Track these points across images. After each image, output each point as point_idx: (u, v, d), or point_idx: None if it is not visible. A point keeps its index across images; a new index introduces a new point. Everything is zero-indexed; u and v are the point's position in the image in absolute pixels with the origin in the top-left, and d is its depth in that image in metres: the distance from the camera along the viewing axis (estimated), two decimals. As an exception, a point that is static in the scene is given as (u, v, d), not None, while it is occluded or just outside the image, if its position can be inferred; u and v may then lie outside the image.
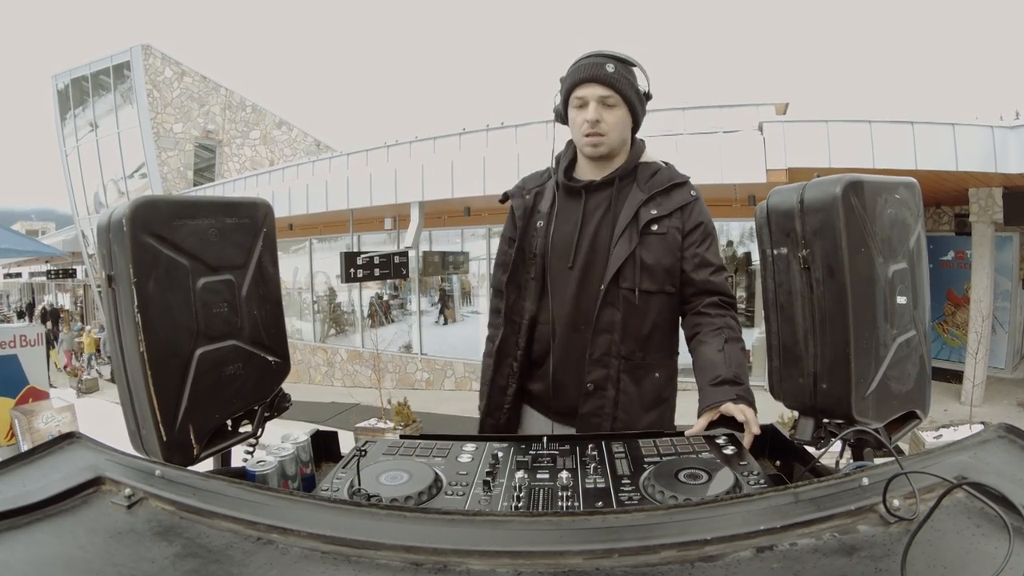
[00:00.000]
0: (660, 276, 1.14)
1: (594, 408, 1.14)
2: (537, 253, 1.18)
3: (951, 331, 7.15)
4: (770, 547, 0.46)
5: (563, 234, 1.17)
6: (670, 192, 1.16)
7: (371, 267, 6.71)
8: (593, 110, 1.12)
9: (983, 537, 0.45)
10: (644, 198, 1.14)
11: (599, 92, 1.12)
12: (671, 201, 1.15)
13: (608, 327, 1.13)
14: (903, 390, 0.80)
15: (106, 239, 0.82)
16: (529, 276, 1.19)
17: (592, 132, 1.13)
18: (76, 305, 19.54)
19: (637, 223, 1.13)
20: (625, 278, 1.12)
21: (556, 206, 1.19)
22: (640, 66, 1.15)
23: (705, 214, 1.18)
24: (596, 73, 1.11)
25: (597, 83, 1.11)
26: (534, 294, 1.19)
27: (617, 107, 1.13)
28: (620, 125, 1.15)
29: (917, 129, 5.20)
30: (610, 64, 1.12)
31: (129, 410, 0.86)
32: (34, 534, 0.53)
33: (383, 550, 0.48)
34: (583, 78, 1.12)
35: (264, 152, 14.75)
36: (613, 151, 1.17)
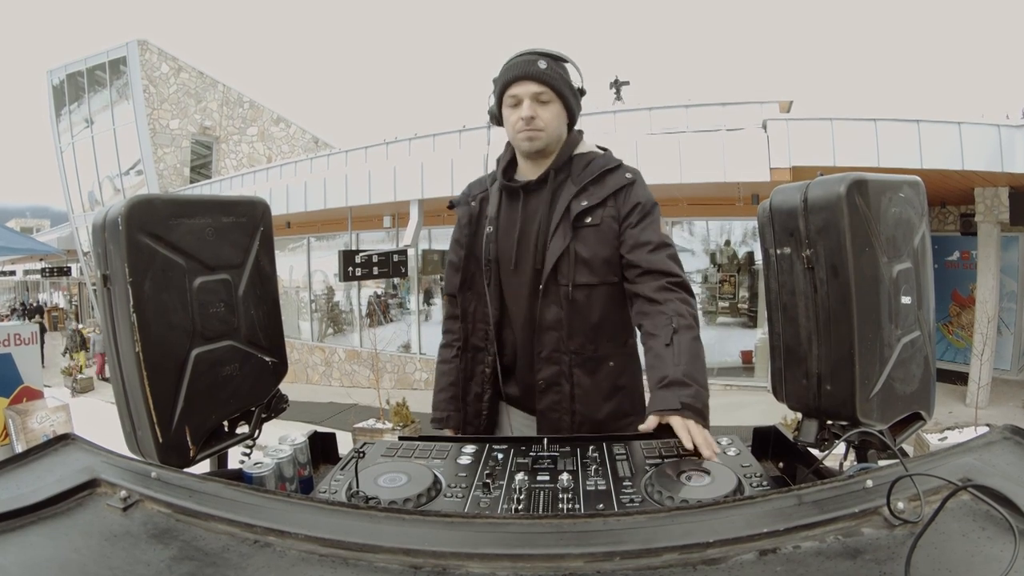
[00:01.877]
0: (600, 268, 1.12)
1: (551, 404, 1.15)
2: (490, 259, 1.19)
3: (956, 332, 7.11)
4: (773, 550, 0.46)
5: (507, 237, 1.19)
6: (602, 179, 1.14)
7: (370, 266, 6.70)
8: (527, 107, 1.12)
9: (988, 540, 0.45)
10: (575, 191, 1.14)
11: (532, 89, 1.12)
12: (603, 188, 1.13)
13: (553, 324, 1.13)
14: (907, 391, 0.79)
15: (102, 238, 0.81)
16: (486, 282, 1.20)
17: (527, 128, 1.13)
18: (71, 303, 19.45)
19: (569, 217, 1.12)
20: (562, 274, 1.11)
21: (501, 210, 1.20)
22: (572, 62, 1.15)
23: (642, 194, 1.14)
24: (528, 70, 1.11)
25: (530, 80, 1.11)
26: (494, 299, 1.19)
27: (551, 103, 1.13)
28: (555, 120, 1.14)
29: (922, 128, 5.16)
30: (542, 61, 1.12)
31: (125, 411, 0.85)
32: (28, 537, 0.53)
33: (382, 553, 0.48)
34: (516, 76, 1.12)
35: (262, 149, 14.69)
36: (549, 146, 1.16)
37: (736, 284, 7.42)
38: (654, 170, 5.70)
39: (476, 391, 1.23)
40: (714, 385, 6.92)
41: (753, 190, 5.94)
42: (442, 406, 1.29)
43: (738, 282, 7.41)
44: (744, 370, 7.11)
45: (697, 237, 7.66)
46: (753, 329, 7.16)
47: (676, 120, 6.35)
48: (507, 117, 1.16)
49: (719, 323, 7.46)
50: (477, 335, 1.22)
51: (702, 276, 7.55)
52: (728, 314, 7.44)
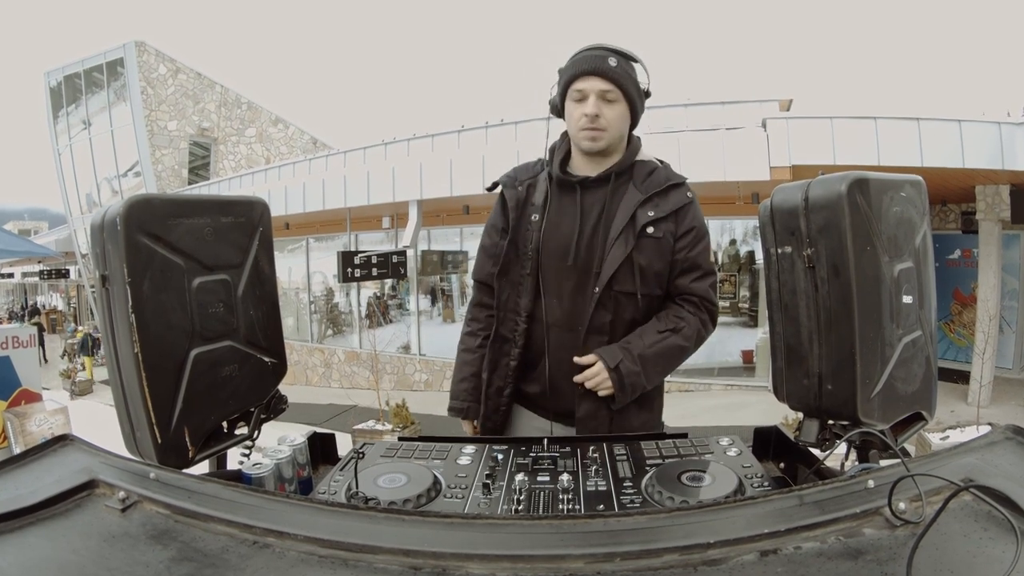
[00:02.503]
0: (651, 280, 1.13)
1: (590, 411, 1.12)
2: (532, 248, 1.15)
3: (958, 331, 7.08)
4: (774, 551, 0.46)
5: (559, 230, 1.15)
6: (667, 193, 1.14)
7: (369, 267, 6.70)
8: (593, 104, 1.09)
9: (990, 540, 0.45)
10: (641, 199, 1.12)
11: (600, 86, 1.09)
12: (668, 203, 1.13)
13: (600, 328, 1.12)
14: (909, 391, 0.79)
15: (100, 238, 0.81)
16: (524, 272, 1.16)
17: (591, 127, 1.11)
18: (69, 306, 19.42)
19: (634, 225, 1.10)
20: (619, 281, 1.10)
21: (550, 201, 1.16)
22: (642, 62, 1.13)
23: (699, 217, 1.16)
24: (598, 66, 1.09)
25: (598, 76, 1.09)
26: (530, 291, 1.15)
27: (617, 102, 1.11)
28: (619, 121, 1.13)
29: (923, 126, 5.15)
30: (612, 58, 1.09)
31: (123, 412, 0.85)
32: (27, 538, 0.52)
33: (381, 554, 0.47)
34: (584, 70, 1.10)
35: (260, 150, 14.68)
36: (611, 147, 1.14)
37: (737, 283, 7.39)
38: (653, 170, 5.69)
39: (498, 384, 1.19)
40: (715, 385, 6.91)
41: (753, 189, 5.93)
42: (463, 396, 1.25)
43: (739, 281, 7.38)
44: (745, 370, 7.10)
45: (697, 237, 7.66)
46: (754, 329, 7.14)
47: (675, 119, 6.36)
48: (570, 111, 1.14)
49: (720, 323, 7.45)
50: (507, 325, 1.18)
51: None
52: (729, 314, 7.43)
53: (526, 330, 1.17)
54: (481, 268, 1.26)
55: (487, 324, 1.24)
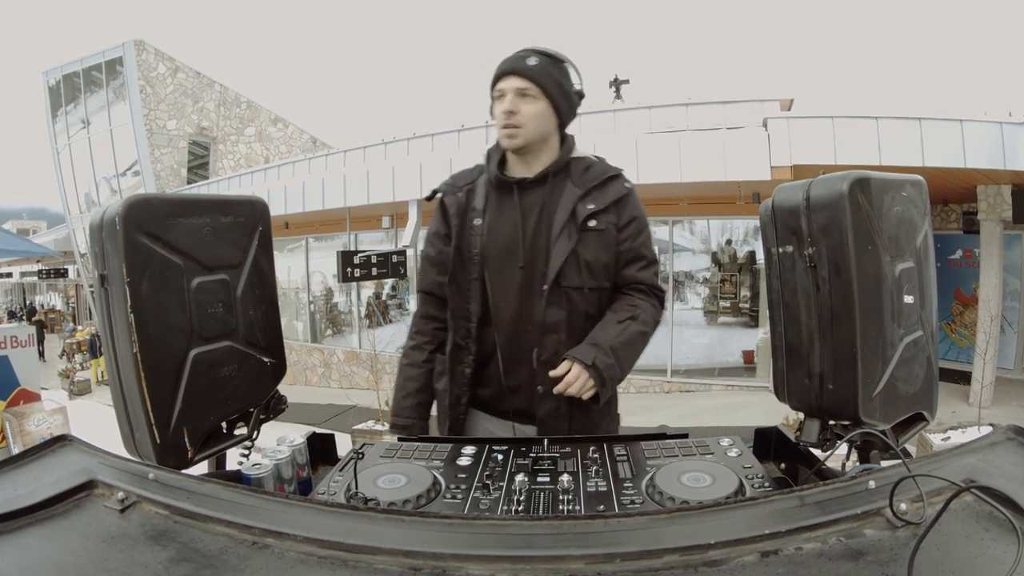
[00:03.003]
0: (599, 272, 1.14)
1: (550, 411, 1.13)
2: (476, 252, 1.15)
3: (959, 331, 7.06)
4: (775, 551, 0.46)
5: (501, 233, 1.15)
6: (605, 186, 1.15)
7: (368, 266, 6.68)
8: (509, 101, 1.11)
9: (992, 541, 0.45)
10: (580, 193, 1.13)
11: (517, 84, 1.11)
12: (607, 195, 1.14)
13: (554, 327, 1.12)
14: (910, 391, 0.79)
15: (99, 238, 0.81)
16: (471, 277, 1.16)
17: (507, 123, 1.12)
18: (68, 305, 19.39)
19: (575, 220, 1.11)
20: (567, 276, 1.11)
21: (490, 204, 1.17)
22: (570, 62, 1.14)
23: (639, 207, 1.18)
24: (515, 65, 1.11)
25: (515, 75, 1.11)
26: (478, 296, 1.15)
27: (536, 99, 1.11)
28: (538, 118, 1.12)
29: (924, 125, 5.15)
30: (532, 58, 1.11)
31: (122, 412, 0.85)
32: (25, 538, 0.52)
33: (381, 554, 0.47)
34: (503, 70, 1.12)
35: (259, 149, 14.67)
36: (530, 144, 1.14)
37: (737, 284, 7.38)
38: (654, 169, 5.69)
39: (456, 393, 1.18)
40: (715, 385, 6.90)
41: (754, 189, 5.93)
42: (407, 412, 1.22)
43: (739, 281, 7.37)
44: (745, 370, 7.10)
45: (698, 236, 7.64)
46: (754, 329, 7.13)
47: (676, 119, 6.36)
48: (493, 110, 1.15)
49: (720, 323, 7.44)
50: (459, 333, 1.18)
51: (703, 276, 7.54)
52: (729, 314, 7.43)
53: (478, 335, 1.17)
54: (426, 278, 1.25)
55: (433, 337, 1.24)
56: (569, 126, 1.20)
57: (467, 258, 1.16)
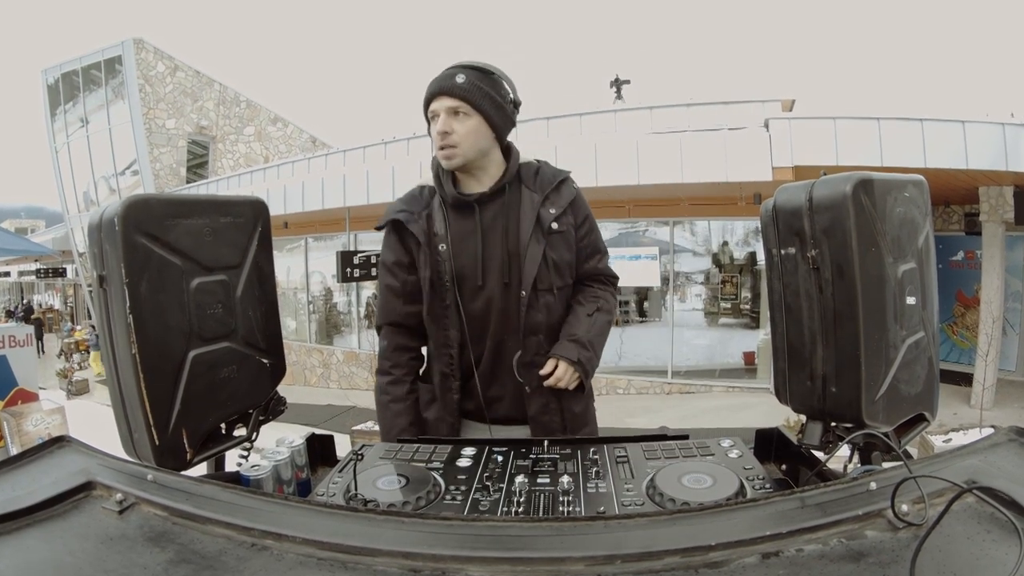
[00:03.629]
0: (565, 271, 1.20)
1: (541, 407, 1.17)
2: (448, 279, 1.15)
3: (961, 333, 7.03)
4: (776, 553, 0.46)
5: (468, 252, 1.16)
6: (559, 189, 1.20)
7: (368, 267, 6.67)
8: (442, 122, 1.12)
9: (994, 543, 0.44)
10: (540, 199, 1.17)
11: (447, 103, 1.11)
12: (562, 198, 1.19)
13: (535, 329, 1.16)
14: (912, 392, 0.79)
15: (97, 238, 0.81)
16: (445, 303, 1.16)
17: (444, 144, 1.13)
18: (66, 305, 19.35)
19: (541, 225, 1.15)
20: (541, 280, 1.16)
21: (450, 225, 1.17)
22: (500, 73, 1.15)
23: (587, 205, 1.25)
24: (443, 85, 1.11)
25: (445, 95, 1.11)
26: (456, 321, 1.16)
27: (469, 116, 1.12)
28: (472, 135, 1.13)
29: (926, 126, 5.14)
30: (460, 75, 1.11)
31: (121, 413, 0.84)
32: (23, 540, 0.52)
33: (380, 556, 0.47)
34: (432, 92, 1.13)
35: (259, 149, 14.65)
36: (469, 161, 1.15)
37: (738, 285, 7.35)
38: (655, 170, 5.68)
39: (449, 421, 1.18)
40: (716, 387, 6.90)
41: (755, 190, 5.92)
42: None
43: (740, 283, 7.33)
44: (746, 371, 7.07)
45: (699, 237, 7.63)
46: (755, 330, 7.10)
47: (677, 119, 6.34)
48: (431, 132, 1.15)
49: (721, 324, 7.41)
50: (442, 361, 1.18)
51: (703, 276, 7.52)
52: (730, 315, 7.40)
53: (459, 359, 1.18)
54: (391, 311, 1.22)
55: (410, 368, 1.23)
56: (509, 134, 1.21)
57: (437, 286, 1.16)
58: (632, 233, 7.42)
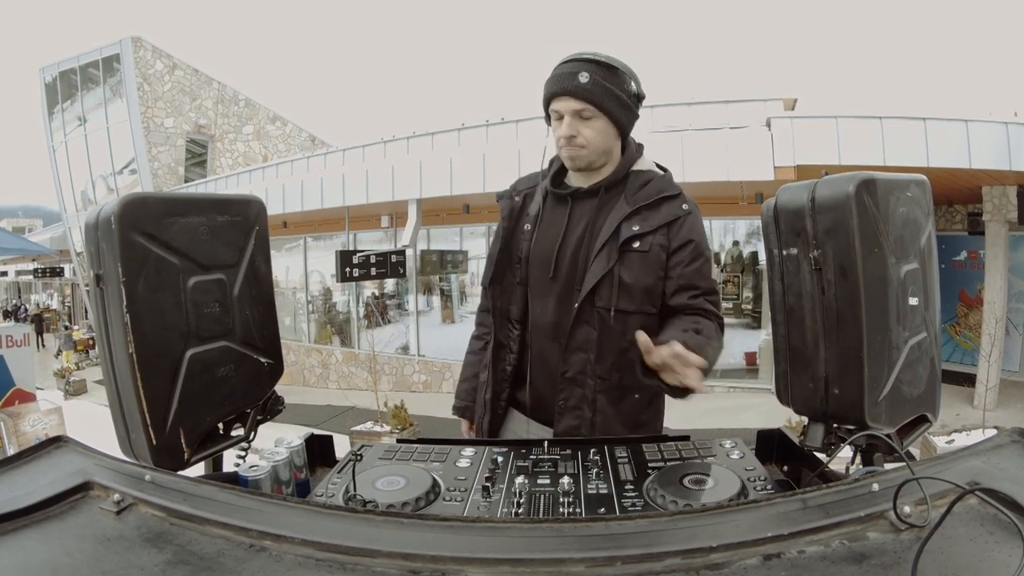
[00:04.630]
0: (639, 296, 1.07)
1: (569, 428, 1.10)
2: (522, 257, 1.16)
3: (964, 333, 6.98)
4: (777, 555, 0.46)
5: (545, 242, 1.15)
6: (658, 206, 1.09)
7: (367, 266, 6.67)
8: (567, 125, 1.07)
9: (996, 544, 0.44)
10: (628, 212, 1.08)
11: (573, 106, 1.05)
12: (657, 216, 1.08)
13: (583, 345, 1.09)
14: (915, 393, 0.79)
15: (94, 237, 0.80)
16: (514, 280, 1.17)
17: (571, 146, 1.09)
18: (63, 305, 19.31)
19: (617, 239, 1.06)
20: (601, 296, 1.07)
21: (543, 211, 1.17)
22: (623, 67, 1.07)
23: (698, 231, 1.11)
24: (567, 85, 1.05)
25: (569, 96, 1.05)
26: (520, 299, 1.17)
27: (594, 119, 1.07)
28: (599, 136, 1.08)
29: (929, 125, 5.11)
30: (583, 73, 1.04)
31: (118, 413, 0.84)
32: (20, 541, 0.52)
33: (379, 557, 0.47)
34: (555, 92, 1.07)
35: (257, 147, 14.64)
36: (596, 161, 1.12)
37: (740, 285, 7.30)
38: (656, 169, 5.66)
39: (496, 389, 1.20)
40: (717, 387, 6.89)
41: (757, 189, 5.91)
42: (463, 395, 1.32)
43: (741, 283, 7.29)
44: (748, 372, 7.05)
45: (700, 236, 7.61)
46: (757, 330, 7.07)
47: (679, 118, 6.32)
48: (553, 129, 1.12)
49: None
50: (503, 332, 1.20)
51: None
52: (731, 315, 7.35)
53: (520, 337, 1.18)
54: (486, 274, 1.25)
55: (491, 329, 1.25)
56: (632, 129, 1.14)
57: (513, 261, 1.18)
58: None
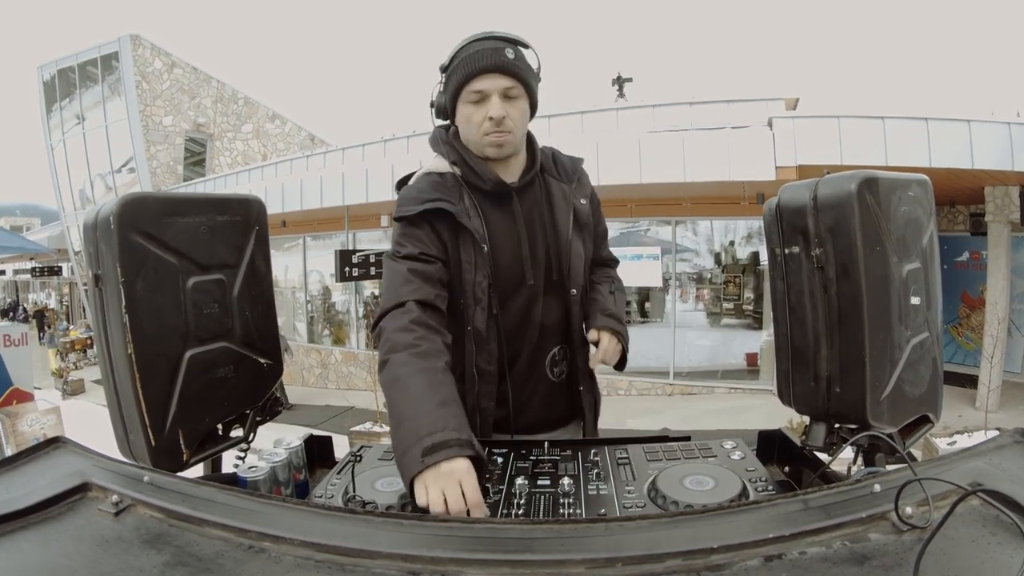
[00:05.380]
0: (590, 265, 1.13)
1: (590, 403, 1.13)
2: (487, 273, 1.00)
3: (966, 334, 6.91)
4: (778, 556, 0.45)
5: (510, 249, 1.03)
6: (581, 177, 1.12)
7: (367, 266, 6.65)
8: (498, 105, 0.94)
9: (998, 545, 0.44)
10: (568, 189, 1.07)
11: (503, 84, 0.94)
12: (584, 187, 1.10)
13: (580, 327, 1.09)
14: (916, 393, 0.79)
15: (93, 237, 0.80)
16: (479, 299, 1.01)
17: (497, 130, 0.96)
18: (61, 304, 19.27)
19: (579, 218, 1.06)
20: (585, 276, 1.09)
21: (486, 219, 1.01)
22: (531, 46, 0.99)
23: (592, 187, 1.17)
24: (498, 61, 0.93)
25: (499, 73, 0.94)
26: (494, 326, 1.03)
27: (520, 99, 0.97)
28: (523, 119, 0.99)
29: (931, 125, 5.08)
30: (508, 49, 0.95)
31: (116, 414, 0.84)
32: (18, 542, 0.52)
33: (379, 559, 0.47)
34: (482, 68, 0.93)
35: (257, 146, 14.60)
36: (517, 149, 1.02)
37: (741, 285, 7.25)
38: (657, 169, 5.65)
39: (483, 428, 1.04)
40: (718, 388, 6.88)
41: (758, 189, 5.89)
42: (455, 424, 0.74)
43: (743, 283, 7.23)
44: (749, 372, 7.02)
45: (701, 237, 7.59)
46: (758, 331, 7.02)
47: (680, 118, 6.30)
48: (467, 115, 0.97)
49: (723, 324, 7.33)
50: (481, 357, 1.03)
51: (707, 276, 7.50)
52: (733, 315, 7.32)
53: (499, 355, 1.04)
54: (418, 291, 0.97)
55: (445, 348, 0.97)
56: None
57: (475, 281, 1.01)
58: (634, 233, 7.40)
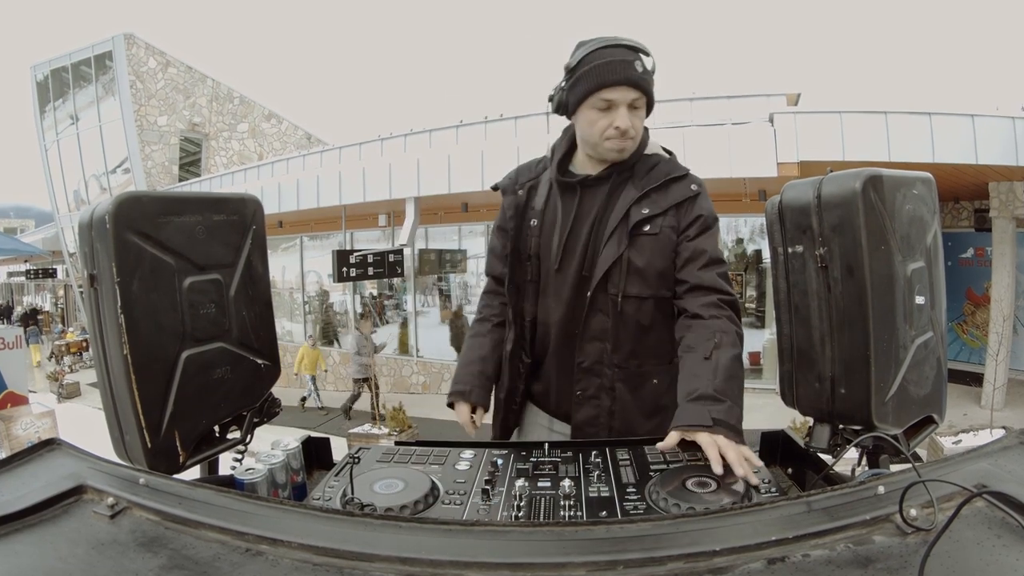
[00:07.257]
0: (653, 280, 1.06)
1: (588, 418, 1.10)
2: (532, 254, 1.14)
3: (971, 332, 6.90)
4: (782, 558, 0.45)
5: (555, 235, 1.12)
6: (667, 188, 1.07)
7: (364, 266, 6.64)
8: (625, 116, 1.02)
9: (1004, 548, 0.44)
10: (637, 196, 1.06)
11: (630, 96, 1.02)
12: (667, 198, 1.07)
13: (599, 335, 1.08)
14: (921, 394, 0.78)
15: (88, 237, 0.79)
16: (526, 278, 1.15)
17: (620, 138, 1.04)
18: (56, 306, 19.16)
19: (627, 223, 1.05)
20: (613, 283, 1.06)
21: (550, 203, 1.13)
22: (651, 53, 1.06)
23: (706, 207, 1.08)
24: (629, 75, 1.01)
25: (630, 86, 1.01)
26: (532, 296, 1.16)
27: (641, 109, 1.05)
28: (641, 126, 1.08)
29: (935, 120, 5.06)
30: (638, 62, 1.02)
31: (112, 416, 0.83)
32: (13, 545, 0.51)
33: (377, 562, 0.47)
34: (615, 80, 1.01)
35: (252, 146, 14.56)
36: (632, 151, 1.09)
37: (743, 283, 7.19)
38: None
39: (510, 386, 1.19)
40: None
41: (760, 186, 5.87)
42: (465, 379, 1.18)
43: (745, 281, 7.18)
44: (751, 372, 6.97)
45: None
46: (761, 330, 7.00)
47: (680, 113, 6.28)
48: (592, 119, 1.05)
49: (725, 324, 7.36)
50: (519, 329, 1.17)
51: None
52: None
53: (533, 333, 1.17)
54: (492, 267, 1.27)
55: (500, 311, 1.24)
56: None
57: (523, 259, 1.15)
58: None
